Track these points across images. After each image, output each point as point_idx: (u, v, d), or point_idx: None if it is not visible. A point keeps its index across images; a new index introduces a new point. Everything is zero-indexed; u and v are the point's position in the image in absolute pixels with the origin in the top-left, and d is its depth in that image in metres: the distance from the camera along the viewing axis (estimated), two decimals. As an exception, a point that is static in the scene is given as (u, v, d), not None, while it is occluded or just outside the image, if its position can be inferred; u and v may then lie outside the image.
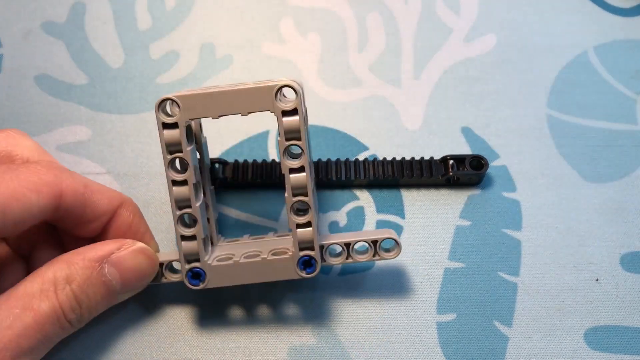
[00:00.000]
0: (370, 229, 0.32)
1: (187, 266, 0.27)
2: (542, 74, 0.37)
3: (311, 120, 0.35)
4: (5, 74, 0.36)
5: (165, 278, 0.27)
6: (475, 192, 0.33)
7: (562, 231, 0.32)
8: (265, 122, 0.35)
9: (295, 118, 0.25)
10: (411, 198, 0.33)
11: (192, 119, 0.25)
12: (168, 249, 0.31)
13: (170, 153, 0.25)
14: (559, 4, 0.40)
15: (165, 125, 0.25)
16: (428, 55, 0.38)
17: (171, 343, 0.29)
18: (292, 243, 0.27)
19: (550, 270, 0.31)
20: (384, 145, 0.34)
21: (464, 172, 0.32)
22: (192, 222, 0.26)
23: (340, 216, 0.32)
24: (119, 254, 0.26)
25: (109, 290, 0.25)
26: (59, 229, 0.28)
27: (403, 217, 0.32)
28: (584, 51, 0.38)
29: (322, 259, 0.27)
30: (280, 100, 0.25)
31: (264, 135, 0.35)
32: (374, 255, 0.27)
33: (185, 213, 0.26)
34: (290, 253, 0.26)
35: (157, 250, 0.29)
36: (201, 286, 0.27)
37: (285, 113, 0.25)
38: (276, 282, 0.30)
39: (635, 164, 0.34)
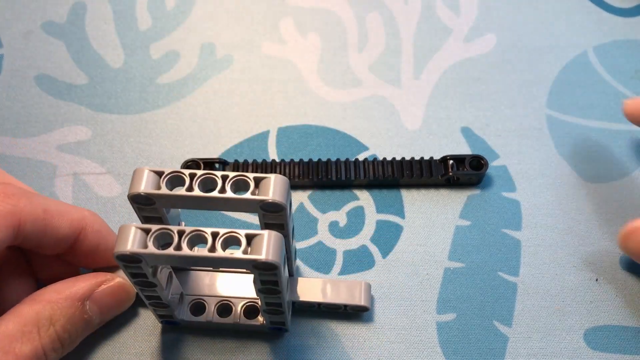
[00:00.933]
0: (345, 281, 0.29)
1: (162, 320, 0.28)
2: (542, 74, 0.37)
3: (311, 120, 0.35)
4: (5, 74, 0.36)
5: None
6: (475, 192, 0.33)
7: (562, 231, 0.32)
8: (266, 123, 0.35)
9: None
10: (411, 198, 0.33)
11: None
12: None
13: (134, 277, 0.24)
14: (559, 4, 0.40)
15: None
16: (428, 55, 0.38)
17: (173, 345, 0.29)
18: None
19: (550, 270, 0.31)
20: (384, 145, 0.35)
21: (464, 172, 0.32)
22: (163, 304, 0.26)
23: (340, 216, 0.32)
24: (99, 291, 0.26)
25: (89, 325, 0.26)
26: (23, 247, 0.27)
27: (403, 217, 0.32)
28: (584, 51, 0.38)
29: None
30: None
31: (264, 135, 0.35)
32: (345, 308, 0.29)
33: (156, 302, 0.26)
34: (261, 321, 0.28)
35: None
36: (178, 327, 0.29)
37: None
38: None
39: (634, 164, 0.34)
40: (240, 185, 0.23)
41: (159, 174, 0.23)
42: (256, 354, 0.28)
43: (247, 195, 0.22)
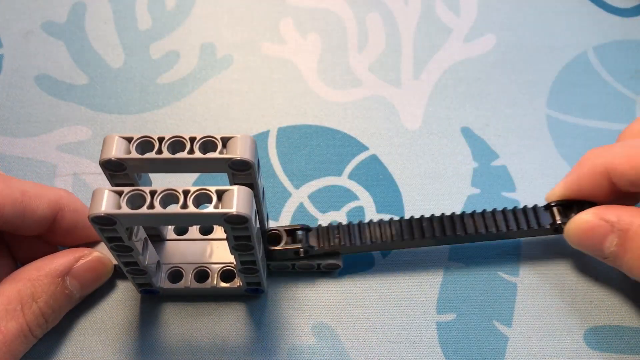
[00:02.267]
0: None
1: (141, 289, 0.28)
2: (542, 74, 0.37)
3: (311, 120, 0.35)
4: (5, 74, 0.36)
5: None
6: (475, 191, 0.33)
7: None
8: (265, 123, 0.35)
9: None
10: (411, 198, 0.33)
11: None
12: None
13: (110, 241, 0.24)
14: (558, 5, 0.40)
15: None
16: (428, 55, 0.38)
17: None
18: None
19: (550, 270, 0.31)
20: (384, 145, 0.35)
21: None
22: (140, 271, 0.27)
23: (341, 216, 0.32)
24: (78, 265, 0.27)
25: (70, 299, 0.27)
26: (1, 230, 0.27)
27: (403, 217, 0.32)
28: (584, 51, 0.38)
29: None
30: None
31: (264, 135, 0.35)
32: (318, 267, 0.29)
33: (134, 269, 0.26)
34: (238, 284, 0.28)
35: None
36: (156, 297, 0.29)
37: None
38: (273, 285, 0.30)
39: (635, 164, 0.34)
40: (208, 147, 0.23)
41: (129, 139, 0.23)
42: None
43: (216, 154, 0.23)
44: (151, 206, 0.22)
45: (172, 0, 0.40)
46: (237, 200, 0.22)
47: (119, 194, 0.22)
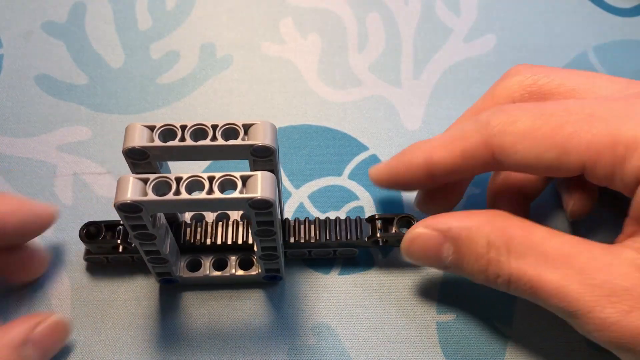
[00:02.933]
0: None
1: (160, 278, 0.29)
2: (542, 74, 0.37)
3: (311, 120, 0.35)
4: (5, 74, 0.36)
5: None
6: (475, 191, 0.33)
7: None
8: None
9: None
10: (412, 198, 0.33)
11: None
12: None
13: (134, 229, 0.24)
14: (558, 4, 0.40)
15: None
16: (428, 55, 0.38)
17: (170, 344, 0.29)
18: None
19: (550, 270, 0.31)
20: (384, 145, 0.35)
21: (392, 233, 0.29)
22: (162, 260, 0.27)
23: (341, 216, 0.32)
24: (37, 332, 0.26)
25: None
26: None
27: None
28: (584, 51, 0.38)
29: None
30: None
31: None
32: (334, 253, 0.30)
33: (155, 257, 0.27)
34: (256, 271, 0.29)
35: None
36: (175, 286, 0.29)
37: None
38: (274, 284, 0.30)
39: (635, 164, 0.34)
40: (230, 134, 0.24)
41: (151, 128, 0.24)
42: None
43: (238, 141, 0.23)
44: (177, 192, 0.22)
45: (172, 0, 0.40)
46: (262, 185, 0.22)
47: (145, 181, 0.22)
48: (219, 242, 0.29)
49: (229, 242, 0.29)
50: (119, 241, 0.28)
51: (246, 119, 0.35)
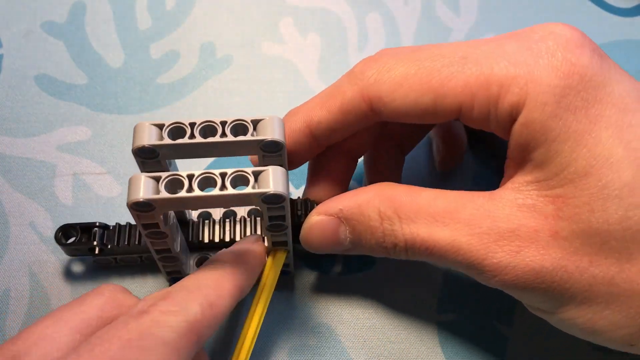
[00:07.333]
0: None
1: (170, 277, 0.29)
2: (542, 74, 0.37)
3: (311, 120, 0.35)
4: (5, 74, 0.36)
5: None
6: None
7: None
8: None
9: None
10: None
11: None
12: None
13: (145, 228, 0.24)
14: (559, 4, 0.40)
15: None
16: (428, 55, 0.38)
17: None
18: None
19: (550, 270, 0.31)
20: (384, 145, 0.35)
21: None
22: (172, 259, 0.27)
23: (340, 216, 0.32)
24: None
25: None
26: None
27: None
28: (584, 51, 0.38)
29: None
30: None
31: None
32: None
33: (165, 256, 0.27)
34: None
35: None
36: None
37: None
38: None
39: (635, 164, 0.34)
40: (239, 129, 0.24)
41: (160, 126, 0.24)
42: None
43: (248, 137, 0.23)
44: (190, 189, 0.22)
45: (172, 0, 0.39)
46: (274, 179, 0.22)
47: (157, 179, 0.22)
48: (227, 239, 0.29)
49: (237, 238, 0.29)
50: (95, 243, 0.28)
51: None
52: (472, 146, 0.33)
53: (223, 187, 0.22)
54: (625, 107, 0.22)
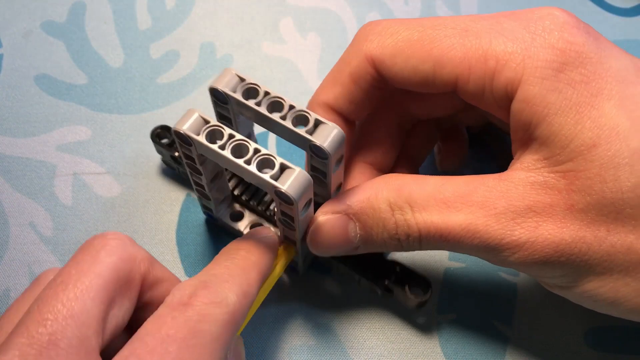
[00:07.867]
0: None
1: (204, 210, 0.30)
2: (542, 74, 0.37)
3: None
4: (5, 74, 0.36)
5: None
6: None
7: None
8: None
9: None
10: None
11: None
12: (167, 249, 0.31)
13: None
14: (559, 5, 0.40)
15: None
16: (428, 55, 0.38)
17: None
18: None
19: (550, 270, 0.31)
20: (384, 145, 0.34)
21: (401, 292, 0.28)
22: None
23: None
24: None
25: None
26: None
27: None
28: (584, 51, 0.38)
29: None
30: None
31: (264, 135, 0.35)
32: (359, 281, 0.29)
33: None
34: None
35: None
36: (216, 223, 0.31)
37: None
38: (275, 284, 0.30)
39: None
40: (300, 120, 0.24)
41: (242, 79, 0.24)
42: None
43: (302, 131, 0.23)
44: (222, 147, 0.23)
45: (172, 0, 0.39)
46: (292, 181, 0.22)
47: (206, 122, 0.23)
48: (259, 208, 0.29)
49: (268, 213, 0.29)
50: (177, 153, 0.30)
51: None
52: (473, 147, 0.33)
53: (249, 161, 0.23)
54: (624, 79, 0.22)
